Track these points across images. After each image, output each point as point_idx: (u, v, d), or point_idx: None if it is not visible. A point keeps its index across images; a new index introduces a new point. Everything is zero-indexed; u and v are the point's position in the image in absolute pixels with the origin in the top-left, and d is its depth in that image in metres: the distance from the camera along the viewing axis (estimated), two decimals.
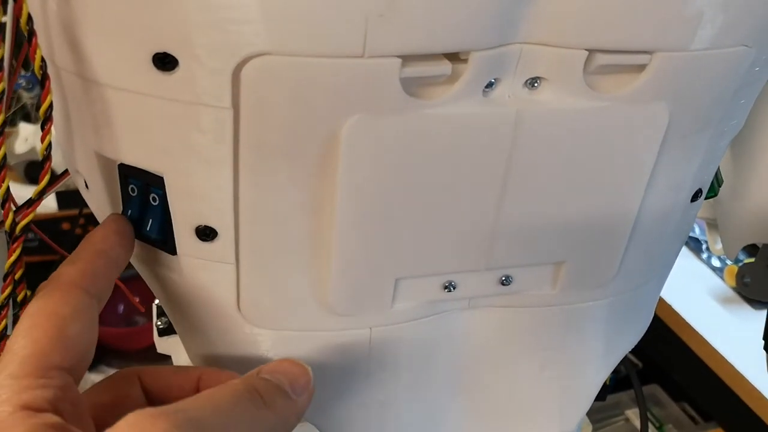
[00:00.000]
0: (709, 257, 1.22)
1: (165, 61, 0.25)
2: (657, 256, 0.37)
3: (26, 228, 0.29)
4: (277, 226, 0.30)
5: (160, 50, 0.25)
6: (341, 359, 0.34)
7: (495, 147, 0.29)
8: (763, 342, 0.53)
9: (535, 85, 0.29)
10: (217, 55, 0.25)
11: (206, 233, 0.30)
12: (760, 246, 0.51)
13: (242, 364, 0.35)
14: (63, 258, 0.31)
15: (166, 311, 0.37)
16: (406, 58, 0.26)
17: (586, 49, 0.28)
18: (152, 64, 0.26)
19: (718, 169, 0.37)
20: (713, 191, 0.38)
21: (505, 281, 0.34)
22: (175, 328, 0.37)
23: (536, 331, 0.37)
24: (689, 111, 0.31)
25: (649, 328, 0.42)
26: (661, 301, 1.07)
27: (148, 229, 0.32)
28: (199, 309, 0.34)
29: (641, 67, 0.29)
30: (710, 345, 1.05)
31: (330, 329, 0.33)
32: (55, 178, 0.34)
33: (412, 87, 0.27)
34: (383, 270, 0.32)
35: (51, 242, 0.45)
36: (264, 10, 0.24)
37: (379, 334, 0.34)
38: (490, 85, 0.28)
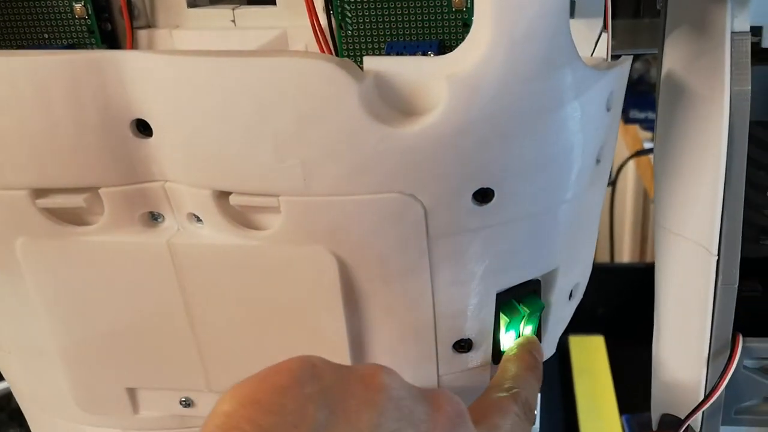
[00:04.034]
0: None
1: None
2: None
3: None
4: (16, 325, 0.34)
5: None
6: None
7: (159, 277, 0.31)
8: None
9: (200, 219, 0.30)
10: None
11: None
12: None
13: None
14: None
15: None
16: (40, 190, 0.29)
17: (209, 189, 0.28)
18: None
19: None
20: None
21: None
22: None
23: None
24: (370, 257, 0.29)
25: None
26: None
27: None
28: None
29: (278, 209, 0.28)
30: None
31: (90, 424, 0.36)
32: None
33: (67, 214, 0.30)
34: (108, 377, 0.34)
35: None
36: None
37: None
38: (157, 216, 0.30)
